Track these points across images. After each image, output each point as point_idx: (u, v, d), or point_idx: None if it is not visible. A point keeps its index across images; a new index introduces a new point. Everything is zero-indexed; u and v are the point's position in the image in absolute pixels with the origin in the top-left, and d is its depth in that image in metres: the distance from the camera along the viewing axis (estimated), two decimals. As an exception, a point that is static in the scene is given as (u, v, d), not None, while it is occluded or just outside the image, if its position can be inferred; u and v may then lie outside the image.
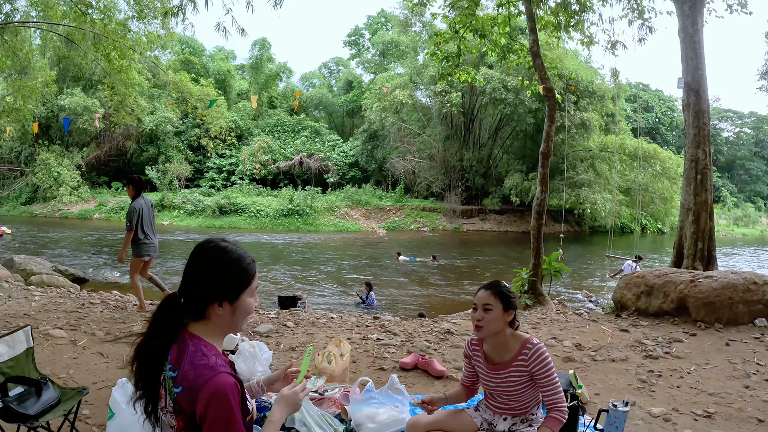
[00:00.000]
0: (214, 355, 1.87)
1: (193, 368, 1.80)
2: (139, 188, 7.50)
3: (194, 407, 1.77)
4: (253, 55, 50.58)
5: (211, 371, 1.79)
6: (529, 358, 2.98)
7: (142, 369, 1.94)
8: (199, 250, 1.99)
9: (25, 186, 38.08)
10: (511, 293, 3.08)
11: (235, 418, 1.78)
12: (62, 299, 7.89)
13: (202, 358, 1.83)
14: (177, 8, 11.41)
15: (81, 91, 36.63)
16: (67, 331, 5.84)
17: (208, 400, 1.75)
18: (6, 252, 16.85)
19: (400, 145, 39.05)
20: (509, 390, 3.09)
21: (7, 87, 18.34)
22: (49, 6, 14.34)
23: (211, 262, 1.95)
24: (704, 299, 7.29)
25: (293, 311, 8.31)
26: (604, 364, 5.52)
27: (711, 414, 4.20)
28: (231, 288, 1.94)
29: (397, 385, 3.76)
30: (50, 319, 6.42)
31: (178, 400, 1.81)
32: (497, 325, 3.03)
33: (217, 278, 1.92)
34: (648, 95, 60.87)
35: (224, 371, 1.81)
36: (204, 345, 1.89)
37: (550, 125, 9.63)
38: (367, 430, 3.39)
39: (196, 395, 1.76)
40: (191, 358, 1.83)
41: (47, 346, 5.29)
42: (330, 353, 4.36)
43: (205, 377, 1.78)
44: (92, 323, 6.40)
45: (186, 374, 1.80)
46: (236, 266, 1.96)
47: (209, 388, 1.75)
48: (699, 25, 10.45)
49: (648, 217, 38.24)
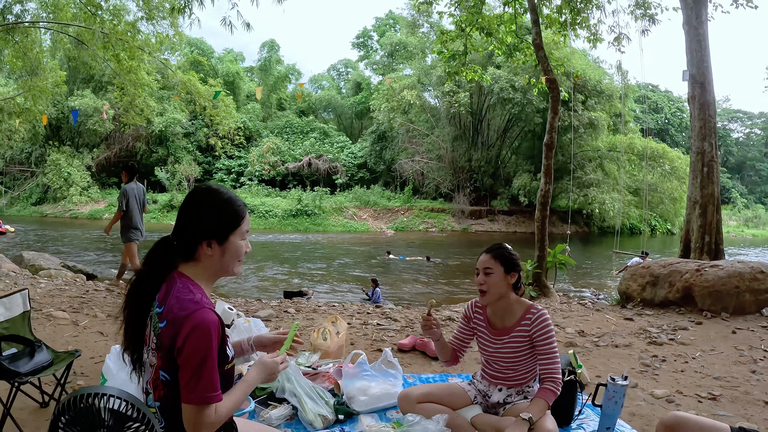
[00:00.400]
0: (200, 294, 1.88)
1: (179, 302, 1.81)
2: (131, 174, 8.03)
3: (175, 341, 1.76)
4: (261, 57, 50.73)
5: (195, 305, 1.80)
6: (532, 324, 2.95)
7: (132, 310, 1.96)
8: (192, 192, 2.02)
9: (36, 186, 38.30)
10: (512, 255, 3.05)
11: (212, 355, 1.77)
12: (67, 287, 7.94)
13: (188, 293, 1.84)
14: (183, 3, 11.48)
15: (91, 93, 36.85)
16: (69, 313, 5.88)
17: (189, 331, 1.74)
18: (12, 249, 16.95)
19: (409, 146, 39.04)
20: (508, 357, 3.06)
21: (18, 87, 18.47)
22: (59, 7, 14.46)
23: (202, 203, 1.97)
24: (710, 288, 7.23)
25: (296, 300, 8.32)
26: (607, 350, 5.47)
27: (716, 396, 4.13)
28: (220, 228, 1.95)
29: (390, 359, 3.72)
30: (54, 303, 6.46)
31: (161, 335, 1.80)
32: (499, 288, 3.00)
33: (207, 218, 1.95)
34: (657, 96, 60.54)
35: (209, 307, 1.81)
36: (191, 284, 1.90)
37: (553, 117, 9.61)
38: (359, 403, 3.36)
39: (179, 328, 1.76)
40: (177, 293, 1.84)
41: (49, 326, 5.32)
42: (325, 329, 4.33)
43: (189, 309, 1.78)
44: (95, 307, 6.44)
45: (171, 308, 1.81)
46: (226, 207, 1.98)
47: (192, 320, 1.75)
48: (703, 18, 10.38)
49: (657, 218, 38.02)
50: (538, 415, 2.71)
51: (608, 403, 3.15)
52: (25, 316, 3.58)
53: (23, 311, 3.56)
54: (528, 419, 2.65)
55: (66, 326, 5.38)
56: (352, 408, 3.33)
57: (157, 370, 1.84)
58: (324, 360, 4.05)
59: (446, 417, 2.93)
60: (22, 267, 11.39)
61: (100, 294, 7.55)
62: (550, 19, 11.67)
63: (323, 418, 3.13)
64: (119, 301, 7.06)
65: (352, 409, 3.33)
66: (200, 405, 1.76)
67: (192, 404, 1.76)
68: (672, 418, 2.43)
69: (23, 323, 3.55)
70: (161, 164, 39.26)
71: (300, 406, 3.16)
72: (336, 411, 3.26)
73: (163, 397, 1.84)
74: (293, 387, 3.23)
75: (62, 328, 5.32)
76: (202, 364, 1.75)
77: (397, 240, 28.90)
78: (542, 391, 2.85)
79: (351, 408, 3.33)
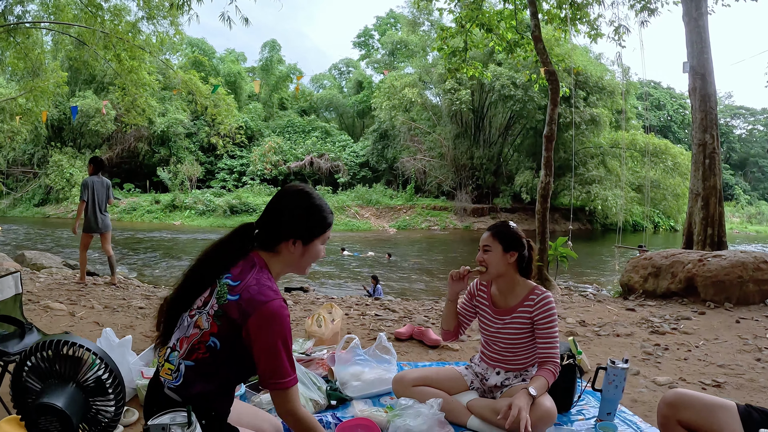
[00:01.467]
0: (276, 285, 1.99)
1: (259, 285, 1.91)
2: (97, 167, 8.12)
3: (246, 319, 1.85)
4: (263, 56, 50.74)
5: (275, 294, 1.91)
6: (535, 305, 2.91)
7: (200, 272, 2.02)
8: (288, 190, 2.13)
9: (38, 188, 38.35)
10: (513, 233, 3.00)
11: (290, 343, 1.91)
12: (66, 281, 7.98)
13: (268, 281, 1.95)
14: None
15: (93, 93, 36.91)
16: (67, 305, 5.90)
17: (269, 318, 1.85)
18: (14, 249, 16.97)
19: (411, 145, 39.00)
20: (509, 338, 3.01)
21: (20, 88, 18.54)
22: (60, 8, 14.51)
23: (298, 202, 2.08)
24: (713, 278, 7.16)
25: (294, 293, 8.29)
26: (608, 339, 5.41)
27: (720, 383, 4.05)
28: (309, 230, 2.07)
29: (385, 343, 3.67)
30: (52, 296, 6.51)
31: (229, 306, 1.89)
32: (498, 267, 2.96)
33: (299, 219, 2.05)
34: (659, 93, 60.40)
35: (284, 300, 1.93)
36: (269, 273, 2.01)
37: (552, 108, 9.58)
38: (352, 389, 3.32)
39: (255, 309, 1.85)
40: (258, 276, 1.95)
41: (45, 317, 5.34)
42: (320, 316, 4.28)
43: (269, 297, 1.88)
44: (93, 299, 6.46)
45: (249, 287, 1.90)
46: (318, 212, 2.09)
47: (272, 308, 1.87)
48: (703, 9, 10.34)
49: (660, 215, 37.94)
50: (541, 391, 2.69)
51: (608, 387, 3.11)
52: (17, 299, 3.58)
53: (15, 294, 3.57)
54: (534, 395, 2.63)
55: (62, 317, 5.39)
56: (344, 394, 3.29)
57: (207, 335, 1.89)
58: (318, 347, 4.00)
59: (440, 401, 2.87)
60: (24, 265, 11.52)
61: (99, 288, 7.59)
62: (551, 15, 11.65)
63: (315, 402, 3.09)
64: (117, 293, 7.06)
65: (345, 395, 3.29)
66: (289, 389, 1.90)
67: (281, 389, 1.89)
68: (674, 394, 2.36)
69: (14, 306, 3.55)
70: (163, 164, 39.31)
71: (291, 391, 3.11)
72: (328, 396, 3.22)
73: (201, 360, 1.90)
74: (286, 372, 3.18)
75: (58, 318, 5.33)
76: (282, 350, 1.87)
77: (400, 238, 28.90)
78: (542, 370, 2.82)
79: (344, 394, 3.29)
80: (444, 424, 2.79)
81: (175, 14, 14.70)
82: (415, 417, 2.71)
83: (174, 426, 1.55)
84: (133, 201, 35.93)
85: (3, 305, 3.47)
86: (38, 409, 1.24)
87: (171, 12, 14.62)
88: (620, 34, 12.35)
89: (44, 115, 18.52)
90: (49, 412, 1.24)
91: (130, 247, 20.82)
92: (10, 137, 30.68)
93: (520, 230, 3.07)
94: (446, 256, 20.57)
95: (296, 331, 5.17)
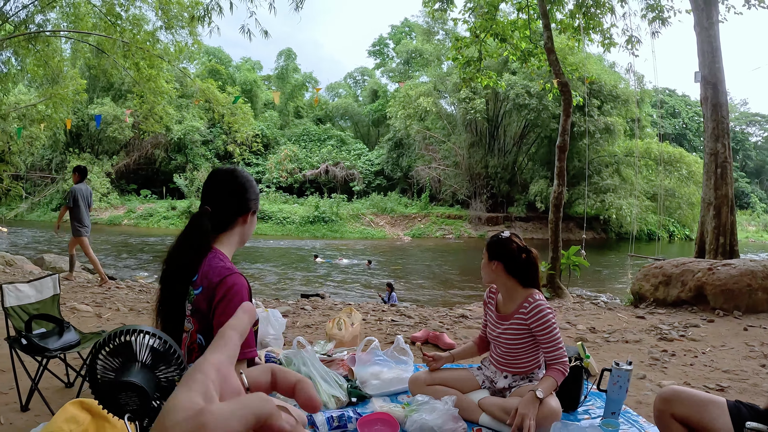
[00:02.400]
0: (229, 261, 2.06)
1: (212, 269, 1.99)
2: (82, 176, 8.72)
3: (210, 304, 1.93)
4: (278, 65, 51.06)
5: (228, 270, 1.98)
6: (528, 313, 3.04)
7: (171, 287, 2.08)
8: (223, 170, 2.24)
9: (56, 192, 38.73)
10: (497, 244, 3.15)
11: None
12: (90, 285, 8.19)
13: (218, 261, 2.02)
14: (204, 11, 11.75)
15: (111, 101, 37.35)
16: (93, 307, 6.08)
17: (224, 293, 1.92)
18: (30, 252, 17.29)
19: (425, 153, 39.05)
20: (508, 343, 3.16)
21: (39, 95, 18.86)
22: (79, 17, 14.82)
23: (241, 179, 2.21)
24: (722, 286, 7.27)
25: (312, 299, 8.46)
26: (617, 345, 5.55)
27: (724, 388, 4.18)
28: (255, 200, 2.24)
29: (402, 345, 3.84)
30: (77, 298, 6.68)
31: (197, 301, 1.97)
32: (487, 275, 3.15)
33: (251, 193, 2.22)
34: (674, 100, 60.00)
35: (239, 273, 2.00)
36: (220, 253, 2.08)
37: (565, 119, 9.70)
38: (371, 387, 3.49)
39: (213, 291, 1.93)
40: (210, 262, 2.02)
41: (73, 318, 5.51)
42: (340, 319, 4.47)
43: (222, 274, 1.96)
44: (117, 302, 6.65)
45: (205, 275, 1.98)
46: (255, 183, 2.29)
47: (226, 283, 1.93)
48: (714, 19, 10.41)
49: (675, 224, 37.70)
50: (548, 392, 2.82)
51: (613, 388, 3.24)
52: (55, 299, 3.77)
53: (53, 294, 3.75)
54: (540, 398, 2.77)
55: (89, 318, 5.58)
56: (364, 391, 3.47)
57: (193, 334, 2.00)
58: (339, 348, 4.18)
59: (454, 398, 3.04)
60: (44, 268, 11.76)
61: (122, 291, 7.77)
62: (564, 24, 11.77)
63: (336, 399, 3.27)
64: (141, 297, 7.27)
65: (365, 393, 3.46)
66: (240, 361, 1.90)
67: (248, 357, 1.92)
68: (669, 391, 2.52)
69: (53, 305, 3.74)
70: (180, 171, 39.63)
71: (315, 388, 3.29)
72: (349, 393, 3.39)
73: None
74: (309, 370, 3.37)
75: (86, 319, 5.51)
76: None
77: (414, 246, 28.93)
78: (551, 370, 2.96)
79: (363, 391, 3.47)
80: (458, 419, 2.94)
81: (194, 25, 14.99)
82: (431, 412, 2.89)
83: None
84: (149, 207, 36.27)
85: (42, 305, 3.67)
86: (118, 386, 1.43)
87: (191, 23, 14.91)
88: (633, 44, 12.46)
89: (68, 122, 18.85)
90: (127, 388, 1.44)
91: (148, 253, 21.07)
92: (29, 143, 31.11)
93: (518, 240, 3.21)
94: (460, 265, 20.63)
95: (318, 334, 5.36)
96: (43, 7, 14.55)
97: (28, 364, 3.37)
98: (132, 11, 15.18)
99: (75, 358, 3.97)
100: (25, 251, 17.33)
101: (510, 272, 3.15)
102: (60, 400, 3.35)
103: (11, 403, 3.37)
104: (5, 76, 16.27)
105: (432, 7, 13.31)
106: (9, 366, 3.38)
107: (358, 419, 2.98)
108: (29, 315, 3.46)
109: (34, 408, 3.31)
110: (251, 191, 2.21)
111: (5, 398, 3.46)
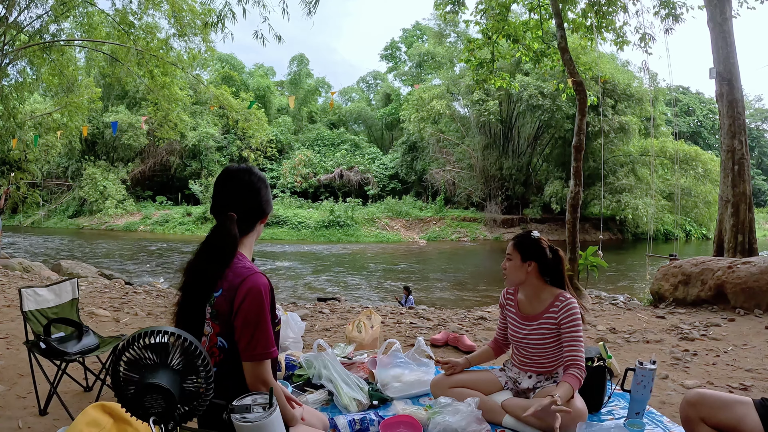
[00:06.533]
0: (249, 261, 2.06)
1: (232, 270, 1.97)
2: None
3: (232, 305, 1.93)
4: (291, 71, 51.32)
5: (248, 270, 1.97)
6: (560, 311, 3.04)
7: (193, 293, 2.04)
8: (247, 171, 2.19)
9: (72, 200, 39.14)
10: (531, 244, 3.15)
11: (266, 315, 1.94)
12: (107, 290, 8.23)
13: (238, 261, 2.01)
14: (217, 18, 11.83)
15: (125, 109, 37.74)
16: (111, 312, 6.12)
17: (245, 294, 1.91)
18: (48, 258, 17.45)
19: (440, 156, 39.04)
20: (536, 343, 3.15)
21: (54, 104, 19.06)
22: (93, 26, 14.98)
23: (261, 182, 2.20)
24: (742, 285, 7.18)
25: (330, 302, 8.46)
26: (638, 345, 5.50)
27: (747, 387, 4.12)
28: (271, 201, 2.25)
29: (423, 347, 3.83)
30: (95, 303, 6.73)
31: (217, 304, 1.96)
32: (516, 275, 3.12)
33: (267, 194, 2.20)
34: (688, 98, 59.51)
35: (260, 272, 1.99)
36: (239, 254, 2.06)
37: (581, 119, 9.64)
38: (393, 389, 3.48)
39: (235, 293, 1.92)
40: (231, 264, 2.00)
41: (91, 323, 5.55)
42: (360, 322, 4.46)
43: (243, 275, 1.95)
44: (135, 306, 6.68)
45: (225, 276, 1.97)
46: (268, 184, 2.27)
47: (247, 284, 1.92)
48: (727, 14, 10.30)
49: (692, 223, 37.37)
50: (564, 399, 2.78)
51: (637, 388, 3.20)
52: (74, 303, 3.79)
53: (72, 298, 3.77)
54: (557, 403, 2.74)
55: (108, 322, 5.61)
56: (385, 394, 3.46)
57: (214, 338, 1.99)
58: (359, 351, 4.17)
59: (477, 400, 3.02)
60: (61, 274, 11.88)
61: (140, 296, 7.82)
62: (576, 24, 11.70)
63: (358, 402, 3.26)
64: (159, 302, 7.30)
65: (386, 395, 3.45)
66: (261, 360, 1.93)
67: (254, 361, 1.93)
68: (695, 394, 2.50)
69: (71, 309, 3.75)
70: (195, 177, 39.90)
71: (336, 391, 3.29)
72: (370, 396, 3.38)
73: (219, 363, 1.98)
74: (329, 373, 3.37)
75: (104, 324, 5.54)
76: (258, 322, 1.91)
77: (429, 250, 28.89)
78: (567, 375, 2.92)
79: (385, 394, 3.45)
80: (481, 420, 2.93)
81: (207, 32, 15.09)
82: (454, 414, 2.88)
83: (256, 406, 1.71)
84: (165, 213, 36.52)
85: (61, 309, 3.69)
86: (145, 388, 1.43)
87: (203, 30, 15.01)
88: (646, 41, 12.36)
89: (85, 129, 19.04)
90: (153, 391, 1.44)
91: (165, 258, 21.19)
92: (46, 151, 31.54)
93: (545, 240, 3.23)
94: (477, 268, 20.59)
95: (337, 337, 5.36)
96: (57, 16, 14.71)
97: (47, 368, 3.39)
98: (145, 19, 15.33)
99: (94, 362, 3.99)
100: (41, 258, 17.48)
101: (543, 272, 3.15)
102: (79, 405, 3.38)
103: (29, 407, 3.39)
104: (21, 86, 16.45)
105: (443, 10, 13.28)
106: (28, 370, 3.41)
107: (381, 422, 2.97)
108: (48, 319, 3.48)
109: (53, 412, 3.32)
110: (268, 191, 2.22)
111: (24, 402, 3.48)
